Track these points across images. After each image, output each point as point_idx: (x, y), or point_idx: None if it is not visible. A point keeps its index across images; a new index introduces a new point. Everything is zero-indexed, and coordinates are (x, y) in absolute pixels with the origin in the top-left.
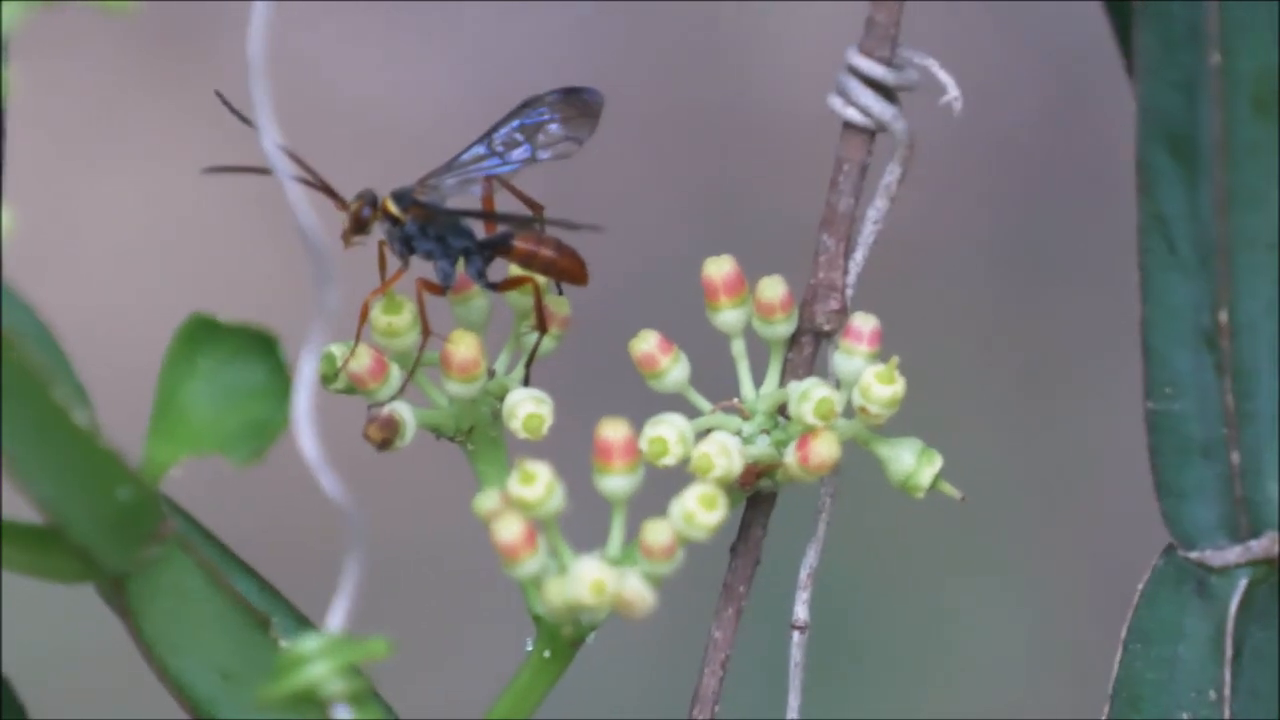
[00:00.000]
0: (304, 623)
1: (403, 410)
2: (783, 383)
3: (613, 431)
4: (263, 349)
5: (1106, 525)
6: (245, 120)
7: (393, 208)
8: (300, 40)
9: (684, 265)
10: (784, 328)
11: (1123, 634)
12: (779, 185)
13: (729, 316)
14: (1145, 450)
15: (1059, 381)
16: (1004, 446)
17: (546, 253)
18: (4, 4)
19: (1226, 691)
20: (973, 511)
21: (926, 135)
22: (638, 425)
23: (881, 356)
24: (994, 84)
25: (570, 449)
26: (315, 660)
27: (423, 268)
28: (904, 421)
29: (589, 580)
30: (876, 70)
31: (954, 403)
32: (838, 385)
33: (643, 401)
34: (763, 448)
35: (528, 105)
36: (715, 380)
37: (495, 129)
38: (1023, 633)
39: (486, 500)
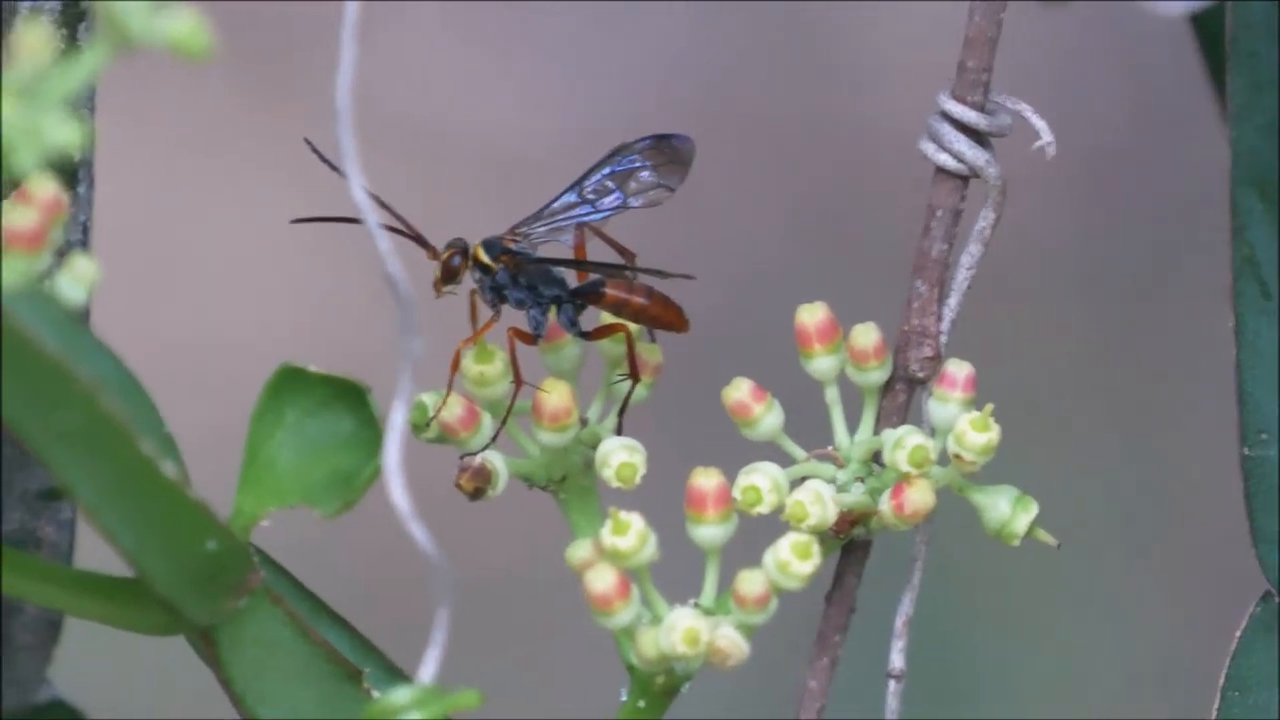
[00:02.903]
0: (395, 674)
1: (495, 459)
2: (877, 430)
3: (706, 480)
4: (352, 399)
5: (1203, 560)
6: (334, 169)
7: (484, 256)
8: (407, 66)
9: (787, 279)
10: (878, 374)
11: (1220, 681)
12: (883, 200)
13: (823, 364)
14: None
15: (1151, 414)
16: (1097, 482)
17: (638, 300)
18: (88, 53)
19: None
20: (1066, 551)
21: (1017, 163)
22: (727, 462)
23: (976, 401)
24: (1082, 109)
25: (661, 493)
26: (407, 712)
27: (514, 316)
28: (996, 457)
29: (683, 630)
30: (969, 115)
31: (1045, 436)
32: (932, 432)
33: (734, 437)
34: (857, 496)
35: (618, 152)
36: (808, 404)
37: (586, 176)
38: (1121, 674)
39: (579, 550)
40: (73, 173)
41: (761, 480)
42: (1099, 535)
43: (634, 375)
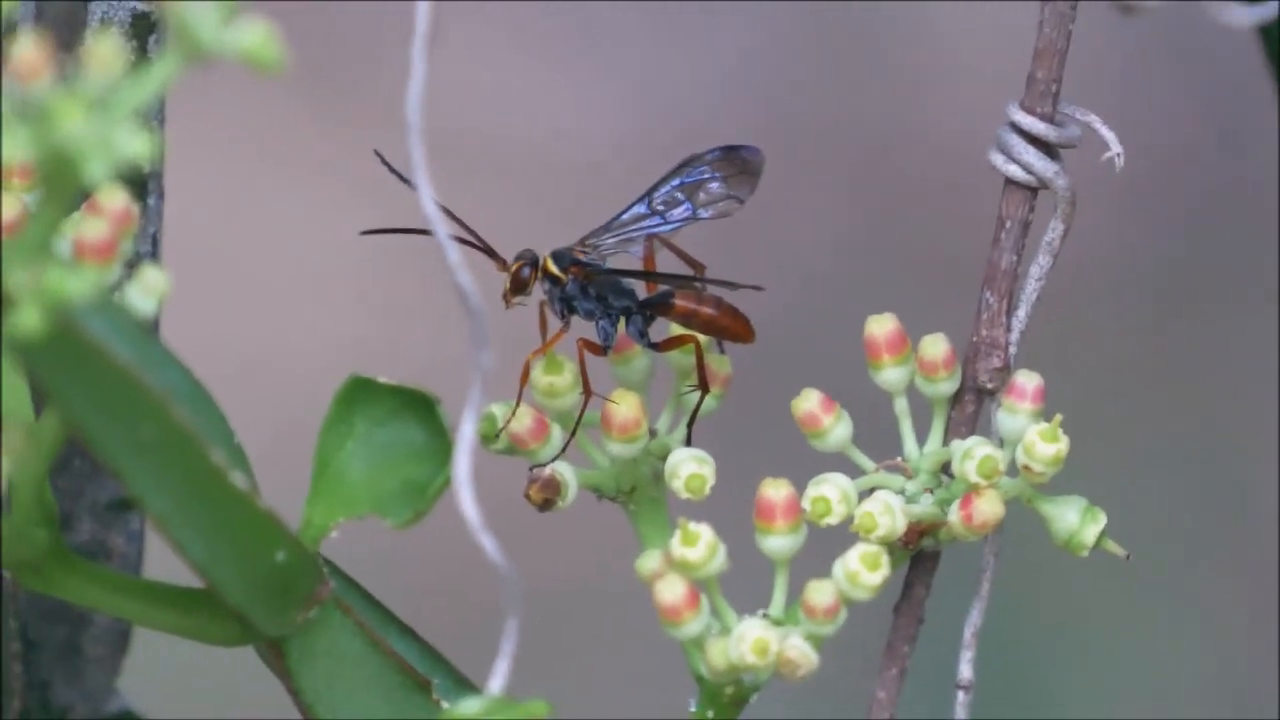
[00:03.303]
0: (463, 684)
1: (564, 471)
2: (946, 441)
3: (775, 491)
4: (421, 410)
5: (1272, 568)
6: (404, 180)
7: (553, 268)
8: (468, 78)
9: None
10: (947, 386)
11: None
12: (945, 210)
13: (892, 375)
14: None
15: (1220, 422)
16: (1165, 491)
17: (707, 311)
18: (158, 64)
19: None
20: (1137, 562)
21: (1087, 174)
22: (795, 473)
23: (1045, 412)
24: (1147, 118)
25: (727, 504)
26: None
27: (583, 328)
28: (1069, 467)
29: (752, 641)
30: (1038, 127)
31: (1113, 446)
32: (1001, 443)
33: (802, 445)
34: (926, 507)
35: (687, 164)
36: (876, 416)
37: (655, 188)
38: (1194, 684)
39: (649, 561)
40: (142, 184)
41: (831, 491)
42: (1167, 545)
43: (703, 386)
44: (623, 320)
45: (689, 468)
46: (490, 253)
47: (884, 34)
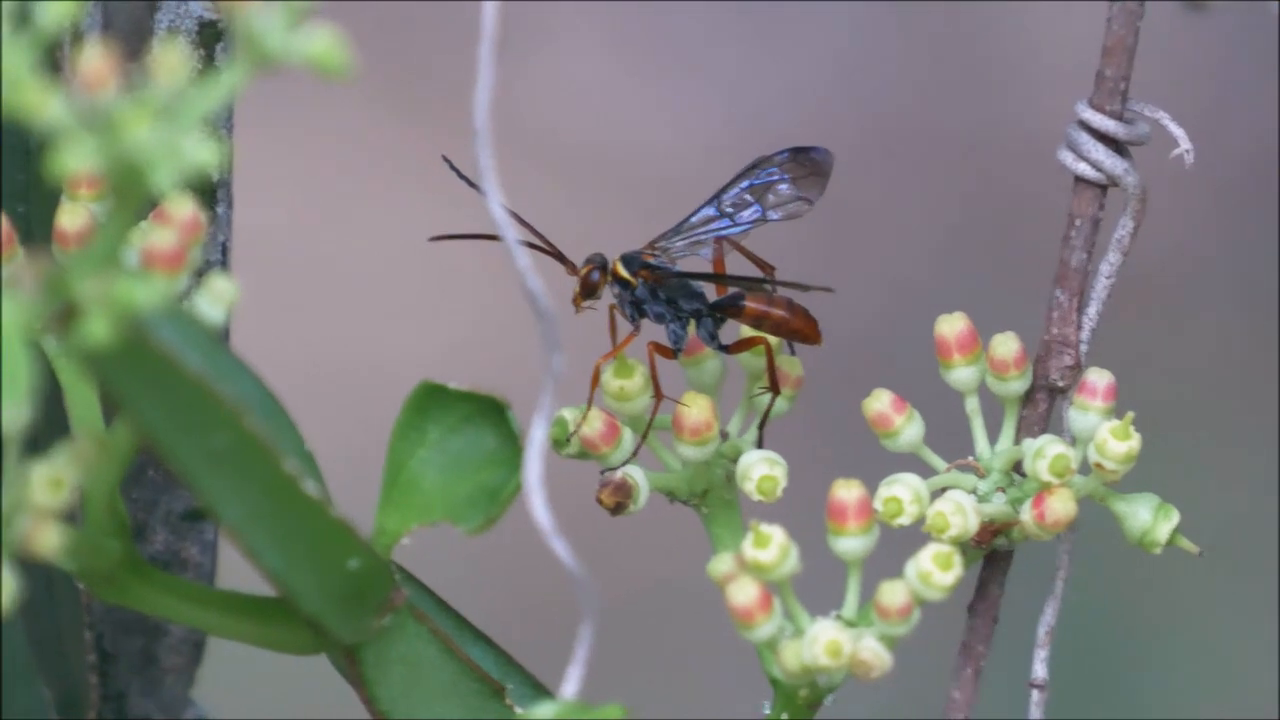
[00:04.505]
0: (537, 689)
1: (636, 474)
2: (1017, 439)
3: (847, 492)
4: (492, 415)
5: None
6: (473, 185)
7: (623, 271)
8: (564, 87)
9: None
10: (1018, 384)
11: None
12: (1032, 209)
13: (963, 374)
14: None
15: None
16: (1238, 488)
17: (778, 313)
18: (226, 72)
19: None
20: (1209, 559)
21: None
22: (868, 473)
23: (1116, 410)
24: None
25: (801, 505)
26: None
27: (653, 331)
28: (1136, 465)
29: (825, 642)
30: (1108, 125)
31: (1186, 444)
32: (1073, 441)
33: (874, 449)
34: (998, 506)
35: (757, 166)
36: (947, 415)
37: (724, 190)
38: (1270, 682)
39: (721, 564)
40: (211, 192)
41: (903, 491)
42: (1242, 543)
43: (774, 388)
44: (693, 323)
45: (761, 470)
46: (560, 257)
47: (980, 38)
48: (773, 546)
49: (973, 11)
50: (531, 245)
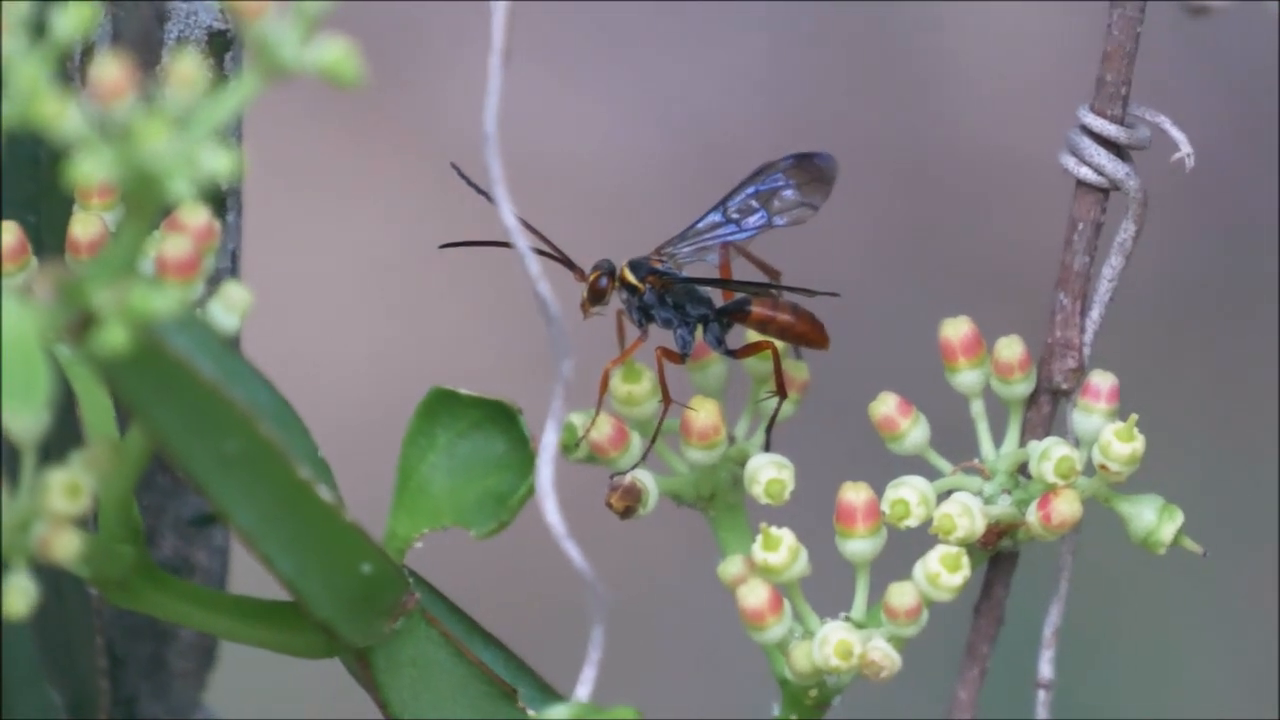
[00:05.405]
0: (549, 692)
1: (644, 478)
2: (1022, 442)
3: (855, 495)
4: (503, 421)
5: None
6: (482, 193)
7: (630, 277)
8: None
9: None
10: (1022, 387)
11: None
12: (973, 218)
13: (968, 378)
14: None
15: None
16: (1241, 488)
17: (784, 318)
18: (240, 82)
19: None
20: (1213, 560)
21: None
22: (871, 477)
23: (1120, 412)
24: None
25: (805, 507)
26: None
27: (661, 336)
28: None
29: (835, 643)
30: (1109, 129)
31: (1188, 445)
32: (1077, 443)
33: (876, 454)
34: (1004, 507)
35: (762, 172)
36: (953, 418)
37: (730, 196)
38: (1272, 684)
39: (731, 566)
40: (221, 200)
41: (909, 494)
42: (1245, 545)
43: (781, 392)
44: (700, 328)
45: (768, 473)
46: (568, 263)
47: (904, 41)
48: (782, 549)
49: (902, 11)
50: (539, 252)
